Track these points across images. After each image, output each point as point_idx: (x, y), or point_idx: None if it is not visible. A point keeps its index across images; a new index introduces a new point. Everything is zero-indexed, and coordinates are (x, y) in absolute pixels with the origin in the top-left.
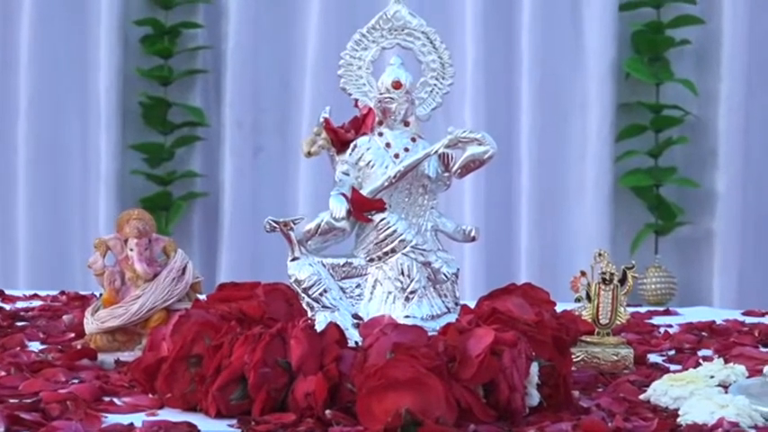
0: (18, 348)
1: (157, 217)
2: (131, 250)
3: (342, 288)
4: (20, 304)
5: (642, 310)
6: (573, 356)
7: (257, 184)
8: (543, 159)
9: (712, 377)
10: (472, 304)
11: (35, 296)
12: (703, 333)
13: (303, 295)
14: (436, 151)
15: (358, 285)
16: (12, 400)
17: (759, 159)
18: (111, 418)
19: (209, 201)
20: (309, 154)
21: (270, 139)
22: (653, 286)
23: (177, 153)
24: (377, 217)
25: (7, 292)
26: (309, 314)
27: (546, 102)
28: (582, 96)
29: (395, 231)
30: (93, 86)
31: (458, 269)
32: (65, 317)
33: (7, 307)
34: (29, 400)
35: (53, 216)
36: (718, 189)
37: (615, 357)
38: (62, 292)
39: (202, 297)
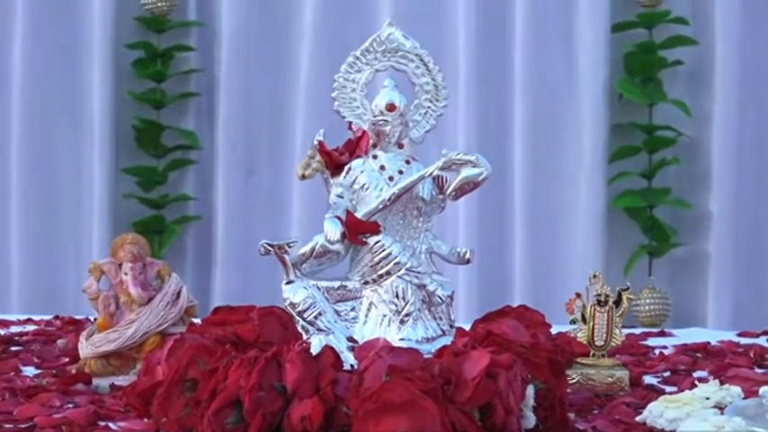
0: (12, 373)
1: (151, 241)
2: (126, 274)
3: (336, 311)
4: (14, 329)
5: (637, 331)
6: (568, 378)
7: (250, 206)
8: (536, 180)
9: (708, 399)
10: (466, 326)
11: (29, 321)
12: (698, 354)
13: (298, 318)
14: (431, 173)
15: (353, 308)
16: (6, 425)
17: (753, 180)
18: None
19: (203, 224)
20: (304, 177)
21: (263, 162)
22: (647, 307)
23: (170, 176)
24: (371, 240)
25: (1, 316)
26: (304, 337)
27: (539, 123)
28: (574, 117)
29: (389, 254)
30: (86, 110)
31: (453, 291)
32: (59, 341)
33: (1, 332)
34: (23, 425)
35: (46, 240)
36: (712, 210)
37: (611, 379)
38: (56, 317)
39: (197, 321)
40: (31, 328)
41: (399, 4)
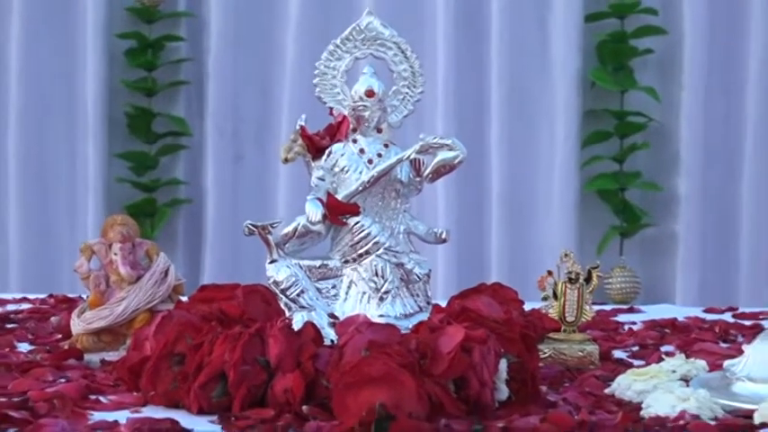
0: (7, 349)
1: (143, 223)
2: (116, 254)
3: (318, 289)
4: (10, 307)
5: (607, 307)
6: (540, 353)
7: (238, 190)
8: (512, 164)
9: (674, 372)
10: (444, 303)
11: (24, 299)
12: (666, 330)
13: (281, 296)
14: (408, 157)
15: (334, 286)
16: (1, 399)
17: (719, 164)
18: (97, 416)
19: (193, 207)
20: (286, 160)
21: (250, 147)
22: (618, 285)
23: (161, 161)
24: (351, 220)
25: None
26: (287, 314)
27: (514, 109)
28: (549, 104)
29: (369, 234)
30: (81, 98)
31: (429, 270)
32: (52, 318)
33: None
34: (17, 399)
35: (43, 222)
36: (681, 192)
37: (581, 353)
38: (50, 296)
39: (184, 298)
40: (26, 306)
41: None
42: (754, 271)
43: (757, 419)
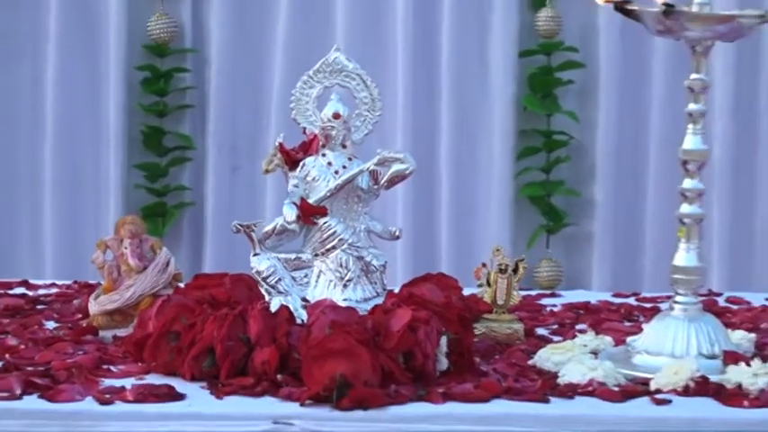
0: (36, 327)
1: (155, 222)
2: (126, 248)
3: (293, 277)
4: (41, 291)
5: (533, 293)
6: (475, 330)
7: (234, 195)
8: (458, 174)
9: (586, 346)
10: (397, 289)
11: (53, 285)
12: (580, 311)
13: (262, 283)
14: (368, 168)
15: (306, 275)
16: (28, 368)
17: (629, 174)
18: (107, 382)
19: (196, 209)
20: (267, 171)
21: (244, 160)
22: (545, 274)
23: (171, 171)
24: (321, 221)
25: (31, 281)
26: (267, 298)
27: (461, 129)
28: (489, 124)
29: (335, 232)
30: (105, 118)
31: (385, 262)
32: (74, 301)
33: (30, 293)
34: (42, 368)
35: (73, 220)
36: (596, 198)
37: (509, 331)
38: (74, 282)
39: (182, 285)
40: (54, 290)
41: (351, 32)
42: (655, 263)
43: (653, 386)
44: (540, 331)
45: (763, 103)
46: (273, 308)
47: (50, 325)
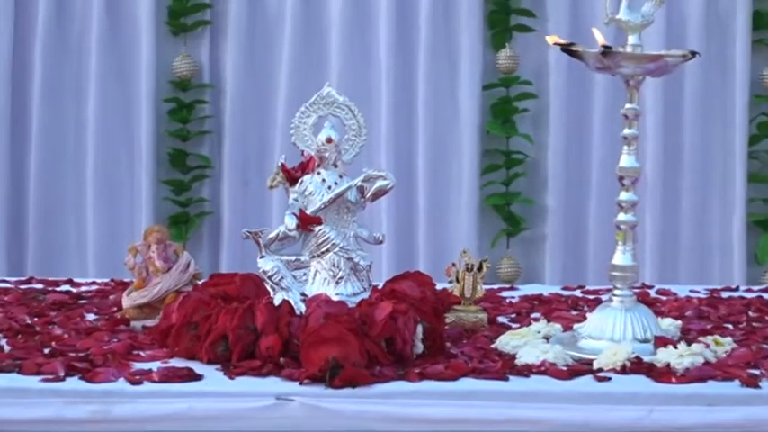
0: (78, 318)
1: (179, 229)
2: (153, 252)
3: (293, 276)
4: (83, 288)
5: (495, 287)
6: (446, 320)
7: (246, 206)
8: (433, 187)
9: (539, 332)
10: (381, 286)
11: (93, 283)
12: (535, 302)
13: (267, 281)
14: (356, 184)
15: (304, 274)
16: (71, 354)
17: (575, 186)
18: (137, 365)
19: (214, 218)
20: (271, 187)
21: (254, 177)
22: (505, 270)
23: (193, 186)
24: (317, 228)
25: (75, 280)
26: (271, 294)
27: (435, 149)
28: (458, 146)
29: (328, 238)
30: (138, 142)
31: (371, 262)
32: (111, 296)
33: (74, 290)
34: (82, 354)
35: (111, 227)
36: (548, 205)
37: (475, 319)
38: (111, 280)
39: (200, 283)
40: (94, 287)
41: (343, 71)
42: (597, 261)
43: (596, 365)
44: (501, 319)
45: (686, 127)
46: (277, 302)
47: (90, 317)
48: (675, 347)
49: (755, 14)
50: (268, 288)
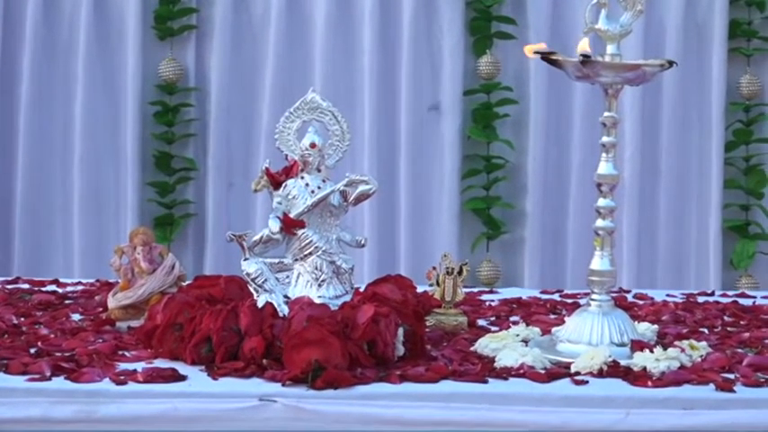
0: (64, 318)
1: (164, 230)
2: (138, 254)
3: (277, 278)
4: (68, 288)
5: (475, 290)
6: (427, 322)
7: (230, 208)
8: (415, 191)
9: (518, 335)
10: (363, 288)
11: (79, 283)
12: (514, 305)
13: (251, 283)
14: (338, 188)
15: (287, 276)
16: (57, 354)
17: (553, 191)
18: (122, 366)
19: (198, 219)
20: (256, 190)
21: (238, 179)
22: (485, 273)
23: (177, 188)
24: (300, 231)
25: (61, 280)
26: (255, 296)
27: (417, 153)
28: (440, 150)
29: (311, 241)
30: (123, 145)
31: (353, 265)
32: (96, 297)
33: (60, 290)
34: (68, 354)
35: (97, 228)
36: (527, 210)
37: (455, 323)
38: (97, 281)
39: (185, 285)
40: (80, 288)
41: (326, 76)
42: (575, 266)
43: (573, 369)
44: (481, 322)
45: (663, 134)
46: (260, 304)
47: (76, 317)
48: (652, 351)
49: (732, 23)
50: (252, 290)
